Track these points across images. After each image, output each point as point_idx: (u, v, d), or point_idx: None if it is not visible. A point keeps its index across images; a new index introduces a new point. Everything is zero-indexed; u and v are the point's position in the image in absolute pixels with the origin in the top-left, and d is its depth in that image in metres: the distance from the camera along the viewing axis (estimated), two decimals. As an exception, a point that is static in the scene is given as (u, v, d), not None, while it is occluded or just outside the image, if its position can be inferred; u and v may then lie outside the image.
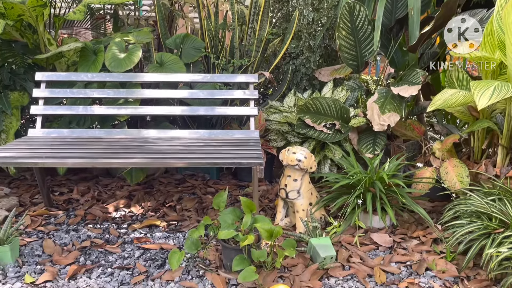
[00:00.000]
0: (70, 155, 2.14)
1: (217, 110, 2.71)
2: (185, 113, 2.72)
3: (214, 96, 2.75)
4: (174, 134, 2.64)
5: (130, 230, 2.43)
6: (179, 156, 2.16)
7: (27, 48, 3.15)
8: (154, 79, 2.73)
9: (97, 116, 2.94)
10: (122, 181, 3.18)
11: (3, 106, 2.82)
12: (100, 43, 2.98)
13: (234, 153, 2.22)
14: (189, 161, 2.08)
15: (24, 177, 3.19)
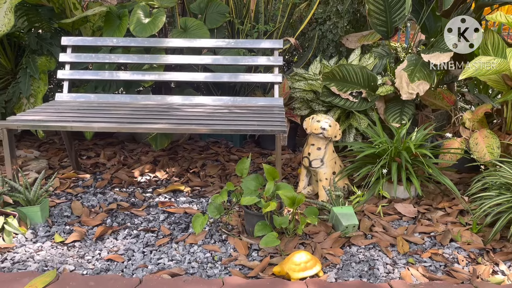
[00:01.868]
0: (96, 120, 2.17)
1: (240, 77, 2.69)
2: (209, 79, 2.70)
3: (238, 63, 2.71)
4: (198, 100, 2.64)
5: (155, 195, 2.48)
6: (203, 122, 2.16)
7: (53, 12, 3.15)
8: (178, 44, 2.70)
9: (122, 82, 2.96)
10: (147, 147, 3.23)
11: (31, 70, 2.86)
12: (125, 7, 2.96)
13: (257, 121, 2.20)
14: (212, 127, 2.08)
15: (53, 141, 3.27)
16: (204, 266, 1.80)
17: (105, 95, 2.67)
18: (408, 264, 1.83)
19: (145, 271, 1.74)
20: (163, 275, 1.70)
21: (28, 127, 2.09)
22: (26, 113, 2.26)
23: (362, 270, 1.78)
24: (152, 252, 1.90)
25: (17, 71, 3.20)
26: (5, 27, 2.55)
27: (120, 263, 1.80)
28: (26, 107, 2.87)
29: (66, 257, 1.84)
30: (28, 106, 2.88)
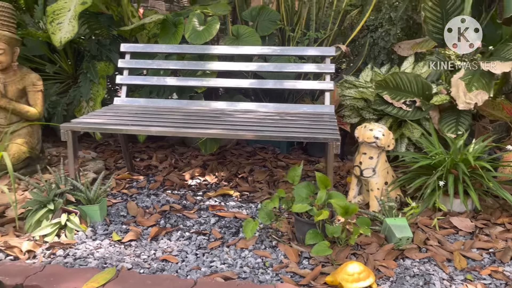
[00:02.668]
0: (153, 124, 2.25)
1: (291, 84, 2.70)
2: (261, 86, 2.73)
3: (289, 70, 2.73)
4: (249, 107, 2.67)
5: (205, 198, 2.54)
6: (255, 129, 2.18)
7: (112, 20, 3.31)
8: (231, 51, 2.75)
9: (176, 87, 3.05)
10: (196, 151, 3.30)
11: (91, 75, 3.01)
12: (180, 15, 3.05)
13: (309, 128, 2.20)
14: (264, 134, 2.10)
15: (108, 143, 3.42)
16: (256, 271, 1.81)
17: (160, 100, 2.76)
18: (466, 280, 1.77)
19: (198, 273, 1.78)
20: (217, 278, 1.73)
21: (91, 129, 2.20)
22: (88, 116, 2.38)
23: (417, 285, 1.73)
24: (204, 254, 1.94)
25: (76, 75, 3.38)
26: (69, 34, 2.70)
27: (175, 264, 1.85)
28: (86, 110, 3.02)
29: (123, 256, 1.91)
30: (87, 109, 3.02)
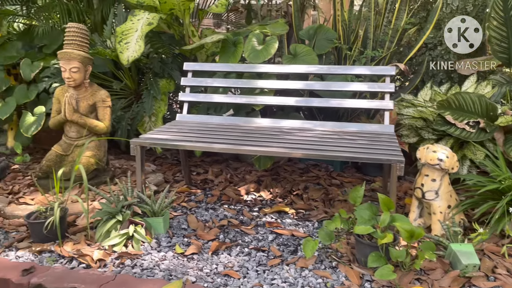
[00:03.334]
0: (215, 141, 2.32)
1: (350, 103, 2.70)
2: (318, 104, 2.75)
3: (347, 88, 2.73)
4: (306, 125, 2.70)
5: (261, 214, 2.57)
6: (316, 148, 2.20)
7: (173, 39, 3.46)
8: (289, 70, 2.80)
9: (233, 104, 3.13)
10: (250, 166, 3.35)
11: (154, 92, 3.16)
12: (239, 34, 3.15)
13: (369, 148, 2.20)
14: (326, 153, 2.11)
15: (165, 156, 3.55)
16: (317, 291, 1.82)
17: (218, 117, 2.85)
18: (541, 314, 1.68)
19: (260, 290, 1.81)
20: (279, 296, 1.75)
21: (158, 145, 2.31)
22: (155, 132, 2.49)
23: (487, 315, 1.67)
24: (265, 271, 1.96)
25: (139, 92, 3.55)
26: (136, 53, 2.85)
27: (237, 280, 1.89)
28: (148, 125, 3.16)
29: (187, 268, 1.97)
30: (149, 123, 3.16)
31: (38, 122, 3.11)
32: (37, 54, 3.48)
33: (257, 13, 3.85)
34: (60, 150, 2.78)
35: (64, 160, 2.80)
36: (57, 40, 3.50)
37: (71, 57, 2.66)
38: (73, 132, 2.80)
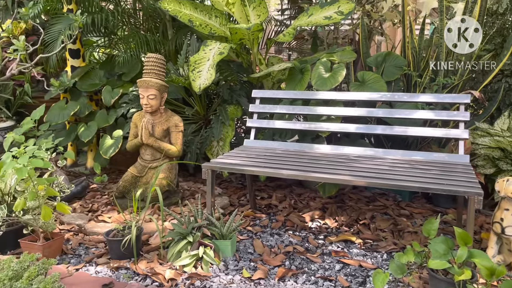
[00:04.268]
0: (283, 166, 2.36)
1: (421, 131, 2.63)
2: (382, 132, 2.71)
3: (417, 116, 2.67)
4: (375, 153, 2.66)
5: (327, 242, 2.54)
6: (388, 177, 2.16)
7: (241, 66, 3.59)
8: (357, 97, 2.80)
9: (299, 130, 3.16)
10: (313, 193, 3.34)
11: (222, 117, 3.28)
12: (305, 62, 3.20)
13: (443, 179, 2.11)
14: (398, 183, 2.07)
15: (231, 180, 3.64)
16: (389, 327, 1.75)
17: (284, 143, 2.89)
18: None
19: (329, 321, 1.78)
20: (349, 329, 1.71)
21: (229, 169, 2.38)
22: (224, 156, 2.58)
23: None
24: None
25: (207, 117, 3.71)
26: (207, 81, 2.99)
27: (304, 308, 1.88)
28: (216, 149, 3.28)
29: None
30: (217, 148, 3.28)
31: (116, 144, 3.34)
32: (117, 81, 3.77)
33: (323, 40, 3.91)
34: (136, 172, 2.96)
35: (139, 181, 2.96)
36: (135, 69, 3.76)
37: (149, 85, 2.85)
38: (147, 155, 2.97)
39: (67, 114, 3.47)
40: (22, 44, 3.16)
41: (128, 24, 4.14)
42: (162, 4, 3.37)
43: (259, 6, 3.50)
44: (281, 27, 4.36)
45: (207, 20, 3.43)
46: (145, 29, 4.27)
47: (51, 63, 3.72)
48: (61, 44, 3.51)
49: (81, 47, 3.72)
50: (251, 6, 3.51)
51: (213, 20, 3.45)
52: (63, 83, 3.52)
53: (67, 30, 3.52)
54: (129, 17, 4.14)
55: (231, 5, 3.30)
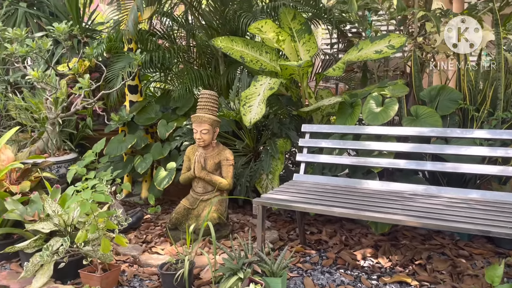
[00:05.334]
0: (334, 204, 2.33)
1: (475, 168, 2.52)
2: (438, 168, 2.62)
3: (475, 152, 2.56)
4: (430, 190, 2.57)
5: (381, 283, 2.45)
6: (445, 218, 2.07)
7: (291, 100, 3.64)
8: (410, 132, 2.74)
9: (349, 165, 3.13)
10: (365, 229, 3.26)
11: (272, 151, 3.32)
12: (356, 96, 3.19)
13: (505, 221, 2.00)
14: (457, 225, 1.98)
15: (279, 213, 3.63)
16: None
17: (335, 178, 2.86)
18: None
19: None
20: None
21: (280, 206, 2.39)
22: (274, 192, 2.60)
23: None
24: None
25: (256, 149, 3.76)
26: (258, 115, 3.05)
27: None
28: (265, 182, 3.30)
29: (305, 335, 1.95)
30: (266, 181, 3.30)
31: (169, 176, 3.46)
32: (171, 115, 3.93)
33: (373, 73, 3.89)
34: (188, 204, 3.04)
35: (191, 213, 3.04)
36: (188, 103, 3.92)
37: (202, 120, 2.96)
38: (199, 188, 3.04)
39: (125, 147, 3.65)
40: (87, 82, 3.40)
41: (182, 60, 4.34)
42: (215, 42, 3.52)
43: (308, 42, 3.56)
44: (330, 61, 4.39)
45: (258, 56, 3.53)
46: (198, 64, 4.46)
47: (112, 98, 3.96)
48: (121, 81, 3.74)
49: (139, 83, 3.94)
50: (301, 42, 3.59)
51: (264, 56, 3.54)
52: (122, 117, 3.73)
53: (127, 68, 3.74)
54: (183, 54, 4.34)
55: (281, 42, 3.39)
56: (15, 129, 3.23)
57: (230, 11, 3.85)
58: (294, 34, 3.59)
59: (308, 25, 3.69)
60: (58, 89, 3.67)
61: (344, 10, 3.85)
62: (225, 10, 3.90)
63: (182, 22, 4.38)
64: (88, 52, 3.67)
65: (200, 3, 4.02)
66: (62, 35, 3.49)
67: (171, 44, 4.39)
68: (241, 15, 3.67)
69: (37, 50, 3.44)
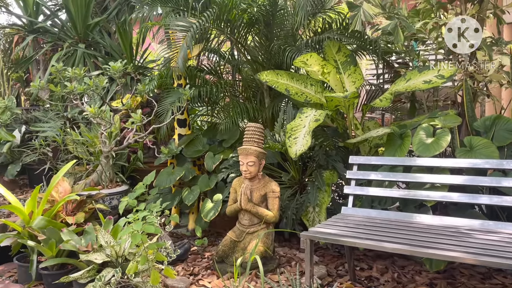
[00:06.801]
0: (385, 239, 2.25)
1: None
2: (494, 202, 2.50)
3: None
4: (487, 226, 2.43)
5: (438, 325, 2.30)
6: (505, 255, 1.95)
7: (336, 131, 3.61)
8: (465, 164, 2.64)
9: (400, 198, 3.02)
10: (418, 265, 3.10)
11: (318, 183, 3.28)
12: (405, 127, 3.12)
13: None
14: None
15: (327, 247, 3.54)
16: None
17: (385, 212, 2.78)
18: None
19: None
20: None
21: (328, 240, 2.34)
22: (322, 225, 2.55)
23: None
24: None
25: (302, 181, 3.73)
26: (303, 147, 3.04)
27: None
28: (312, 215, 3.25)
29: None
30: (313, 214, 3.25)
31: (215, 208, 3.49)
32: (218, 147, 4.01)
33: (422, 103, 3.80)
34: (234, 237, 3.04)
35: (237, 246, 3.03)
36: (234, 135, 3.99)
37: (248, 152, 2.99)
38: (246, 220, 3.04)
39: (174, 179, 3.74)
40: (139, 117, 3.56)
41: (228, 94, 4.46)
42: (260, 76, 3.60)
43: (354, 73, 3.56)
44: (375, 91, 4.34)
45: (303, 88, 3.56)
46: (243, 97, 4.56)
47: (162, 132, 4.11)
48: (171, 115, 3.89)
49: (188, 117, 4.07)
50: (346, 73, 3.59)
51: (308, 88, 3.57)
52: (172, 150, 3.85)
53: (177, 102, 3.89)
54: (229, 87, 4.46)
55: (327, 74, 3.41)
56: (72, 163, 3.41)
57: (275, 46, 3.94)
58: (339, 66, 3.60)
59: (353, 57, 3.69)
60: (112, 124, 3.86)
61: (390, 41, 3.83)
62: (270, 45, 4.00)
63: (229, 58, 4.53)
64: (141, 89, 3.86)
65: (246, 39, 4.14)
66: (117, 73, 3.70)
67: (218, 79, 4.53)
68: (286, 49, 3.74)
69: (94, 88, 3.66)
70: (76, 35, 5.68)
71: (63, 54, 5.42)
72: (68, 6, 5.53)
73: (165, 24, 4.10)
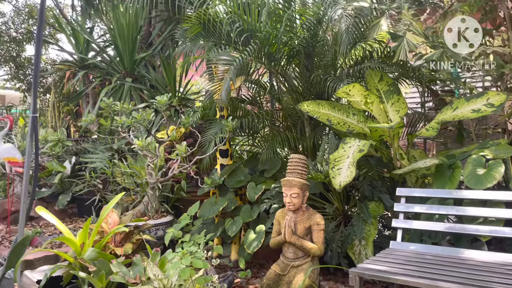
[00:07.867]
0: (439, 277, 2.16)
1: None
2: None
3: None
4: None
5: None
6: None
7: (381, 161, 3.54)
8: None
9: (451, 233, 2.90)
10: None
11: (364, 215, 3.21)
12: (454, 157, 3.03)
13: None
14: None
15: (373, 281, 3.42)
16: None
17: (436, 247, 2.68)
18: None
19: None
20: None
21: (378, 277, 2.28)
22: (370, 261, 2.49)
23: None
24: None
25: (346, 212, 3.66)
26: (348, 178, 3.00)
27: None
28: (358, 248, 3.17)
29: None
30: (359, 247, 3.17)
31: (258, 239, 3.48)
32: (259, 177, 4.02)
33: (470, 131, 3.68)
34: (278, 270, 3.00)
35: (282, 279, 2.99)
36: (276, 165, 4.00)
37: (292, 184, 2.98)
38: (290, 253, 3.01)
39: (216, 209, 3.78)
40: (184, 149, 3.65)
41: (269, 123, 4.50)
42: (301, 106, 3.62)
43: (397, 102, 3.51)
44: (419, 118, 4.25)
45: (345, 118, 3.55)
46: (284, 127, 4.58)
47: (205, 162, 4.19)
48: (214, 146, 3.96)
49: (230, 147, 4.14)
50: (389, 103, 3.55)
51: (351, 117, 3.55)
52: (214, 180, 3.90)
53: (219, 134, 3.97)
54: (270, 117, 4.51)
55: (370, 104, 3.38)
56: (122, 194, 3.52)
57: (315, 76, 3.97)
58: (382, 95, 3.57)
59: (396, 85, 3.65)
60: (158, 156, 3.98)
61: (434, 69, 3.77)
62: (310, 75, 4.03)
63: (269, 88, 4.60)
64: (185, 121, 3.98)
65: (287, 70, 4.20)
66: (163, 106, 3.84)
67: (258, 109, 4.60)
68: (327, 80, 3.75)
69: (141, 121, 3.81)
70: (124, 69, 5.96)
71: (111, 88, 5.69)
72: (116, 42, 5.84)
73: (208, 58, 4.24)
